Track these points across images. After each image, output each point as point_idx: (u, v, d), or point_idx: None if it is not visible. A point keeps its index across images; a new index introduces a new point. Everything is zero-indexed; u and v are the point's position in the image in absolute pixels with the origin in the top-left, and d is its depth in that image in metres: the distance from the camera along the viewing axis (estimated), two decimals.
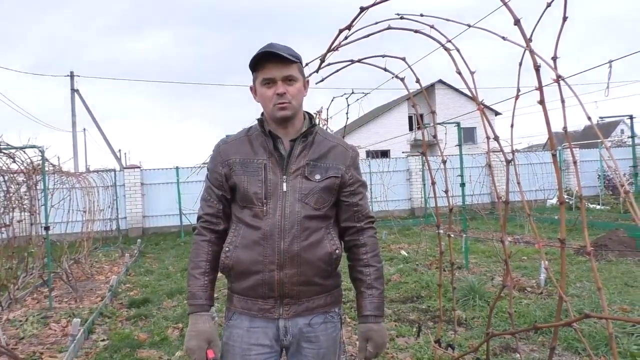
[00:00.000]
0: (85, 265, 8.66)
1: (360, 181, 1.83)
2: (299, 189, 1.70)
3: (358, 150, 1.90)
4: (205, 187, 1.84)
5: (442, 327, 4.18)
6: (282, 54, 1.64)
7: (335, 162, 1.77)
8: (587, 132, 35.66)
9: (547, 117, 1.54)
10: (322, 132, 1.84)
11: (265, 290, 1.69)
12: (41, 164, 6.37)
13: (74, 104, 20.89)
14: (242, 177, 1.72)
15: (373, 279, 1.79)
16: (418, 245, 8.99)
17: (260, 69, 1.70)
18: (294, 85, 1.71)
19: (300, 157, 1.73)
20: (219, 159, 1.79)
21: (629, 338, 3.89)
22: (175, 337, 4.84)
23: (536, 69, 1.51)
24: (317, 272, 1.71)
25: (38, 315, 5.67)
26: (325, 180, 1.73)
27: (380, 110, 32.43)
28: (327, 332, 1.77)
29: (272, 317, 1.71)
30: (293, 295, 1.70)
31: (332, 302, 1.80)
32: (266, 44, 1.70)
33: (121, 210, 14.34)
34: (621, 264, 6.91)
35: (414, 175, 16.98)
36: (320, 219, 1.73)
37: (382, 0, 1.72)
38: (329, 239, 1.74)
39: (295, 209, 1.69)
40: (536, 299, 5.32)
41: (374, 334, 1.76)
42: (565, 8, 1.41)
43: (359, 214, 1.82)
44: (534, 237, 8.88)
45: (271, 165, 1.72)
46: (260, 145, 1.75)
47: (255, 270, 1.68)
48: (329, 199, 1.75)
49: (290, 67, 1.69)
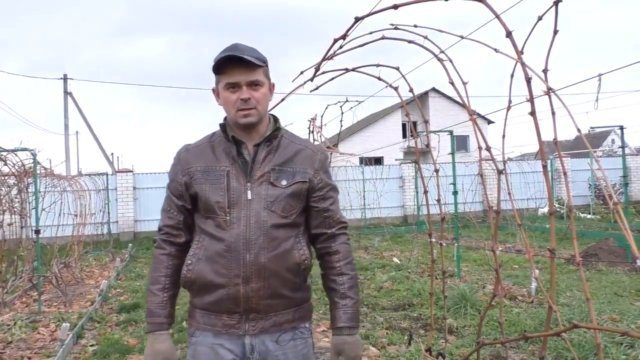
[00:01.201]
0: (75, 269, 8.60)
1: (330, 185, 1.74)
2: (265, 196, 1.62)
3: (327, 153, 1.82)
4: (165, 197, 1.76)
5: (434, 336, 4.19)
6: (247, 57, 1.56)
7: (302, 166, 1.68)
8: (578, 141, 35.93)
9: (538, 129, 1.56)
10: (288, 135, 1.75)
11: (230, 305, 1.60)
12: (33, 167, 6.33)
13: (66, 106, 20.79)
14: (203, 185, 1.63)
15: (347, 287, 1.70)
16: (410, 253, 9.00)
17: (224, 72, 1.61)
18: (259, 90, 1.63)
19: (264, 163, 1.65)
20: (179, 167, 1.71)
21: (618, 348, 3.92)
22: None
23: (527, 81, 1.53)
24: (285, 284, 1.62)
25: (27, 319, 5.61)
26: (292, 185, 1.64)
27: (374, 118, 32.52)
28: (296, 349, 1.67)
29: (237, 334, 1.62)
30: (260, 309, 1.61)
31: (301, 316, 1.70)
32: (230, 45, 1.62)
33: (113, 214, 14.26)
34: (611, 273, 6.96)
35: (407, 182, 17.04)
36: (289, 227, 1.65)
37: (377, 11, 1.73)
38: (297, 248, 1.65)
39: (261, 217, 1.60)
40: (527, 307, 5.35)
41: (347, 347, 1.66)
42: (556, 22, 1.43)
43: (330, 220, 1.73)
44: (525, 246, 8.93)
45: (234, 172, 1.63)
46: (223, 151, 1.67)
47: (218, 284, 1.59)
48: (297, 206, 1.66)
49: (256, 71, 1.61)
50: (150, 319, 1.65)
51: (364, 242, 11.22)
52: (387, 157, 26.08)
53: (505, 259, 7.88)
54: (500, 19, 1.58)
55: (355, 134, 30.54)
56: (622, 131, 7.79)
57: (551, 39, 1.46)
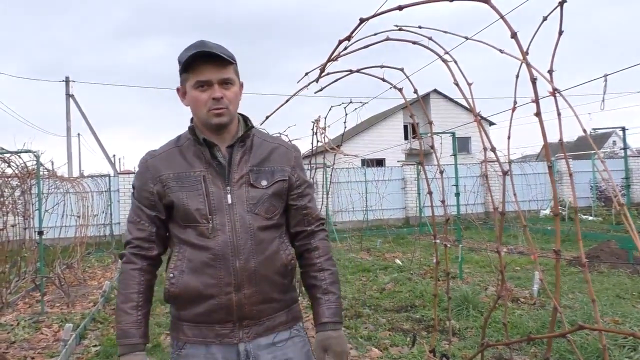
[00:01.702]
0: (77, 270, 8.61)
1: (306, 182, 1.71)
2: (246, 198, 1.56)
3: (300, 150, 1.77)
4: (132, 208, 1.64)
5: (436, 337, 4.18)
6: (220, 54, 1.49)
7: (279, 165, 1.64)
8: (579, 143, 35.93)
9: (543, 130, 1.56)
10: (259, 134, 1.70)
11: (222, 315, 1.53)
12: (36, 169, 6.35)
13: (68, 109, 20.84)
14: (179, 193, 1.54)
15: (329, 283, 1.66)
16: (412, 255, 9.00)
17: (193, 70, 1.52)
18: (231, 89, 1.56)
19: (241, 164, 1.58)
20: (148, 176, 1.60)
21: (621, 350, 3.91)
22: (168, 344, 4.81)
23: (533, 81, 1.53)
24: (275, 287, 1.59)
25: (30, 319, 5.63)
26: (272, 185, 1.60)
27: (376, 119, 32.54)
28: (296, 347, 1.63)
29: (231, 342, 1.55)
30: (253, 316, 1.55)
31: (293, 318, 1.67)
32: (197, 42, 1.54)
33: (115, 216, 14.27)
34: (613, 275, 6.95)
35: (409, 184, 17.03)
36: (273, 228, 1.60)
37: (382, 12, 1.74)
38: (283, 248, 1.62)
39: (246, 221, 1.54)
40: (529, 309, 5.34)
41: (333, 341, 1.61)
42: (561, 22, 1.43)
43: (308, 217, 1.70)
44: (529, 247, 8.92)
45: (210, 176, 1.56)
46: (194, 155, 1.58)
47: (208, 294, 1.51)
48: (279, 206, 1.62)
49: (227, 69, 1.54)
50: (124, 340, 1.52)
51: (366, 244, 11.21)
52: (389, 159, 26.08)
53: (507, 261, 7.87)
54: (505, 19, 1.59)
55: (356, 135, 30.57)
56: (624, 132, 7.78)
57: (556, 39, 1.46)
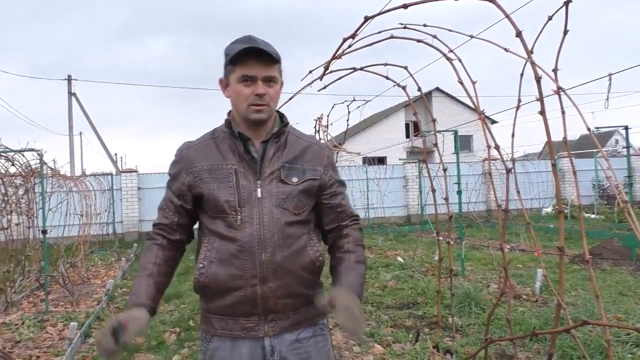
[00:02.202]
0: (81, 268, 8.64)
1: (338, 181, 1.72)
2: (276, 193, 1.57)
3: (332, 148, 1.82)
4: (164, 195, 1.70)
5: (439, 334, 4.20)
6: (268, 51, 1.51)
7: (311, 164, 1.64)
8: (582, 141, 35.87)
9: (547, 128, 1.57)
10: (294, 132, 1.71)
11: (247, 307, 1.54)
12: (39, 168, 6.37)
13: (71, 107, 20.88)
14: (210, 185, 1.57)
15: (353, 261, 1.64)
16: (414, 252, 9.01)
17: (241, 63, 1.53)
18: (274, 87, 1.58)
19: (274, 160, 1.60)
20: (182, 166, 1.64)
21: (624, 347, 3.92)
22: (173, 342, 4.84)
23: (537, 80, 1.55)
24: (301, 283, 1.58)
25: (34, 318, 5.65)
26: (303, 182, 1.60)
27: (377, 117, 32.54)
28: (318, 346, 1.64)
29: (257, 336, 1.56)
30: (278, 309, 1.56)
31: (319, 313, 1.65)
32: (245, 37, 1.56)
33: (117, 214, 14.31)
34: (615, 273, 6.96)
35: (410, 182, 17.03)
36: (301, 224, 1.60)
37: (387, 10, 1.75)
38: (311, 245, 1.61)
39: (274, 215, 1.55)
40: (531, 306, 5.35)
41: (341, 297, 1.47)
42: (566, 22, 1.45)
43: (342, 215, 1.71)
44: (532, 245, 8.93)
45: (242, 170, 1.58)
46: (228, 148, 1.61)
47: (235, 286, 1.53)
48: (308, 203, 1.63)
49: (273, 67, 1.56)
50: (132, 299, 1.54)
51: (368, 242, 11.23)
52: (390, 157, 26.08)
53: (509, 258, 7.89)
54: (510, 18, 1.60)
55: (358, 133, 30.57)
56: (627, 131, 7.78)
57: (561, 38, 1.47)
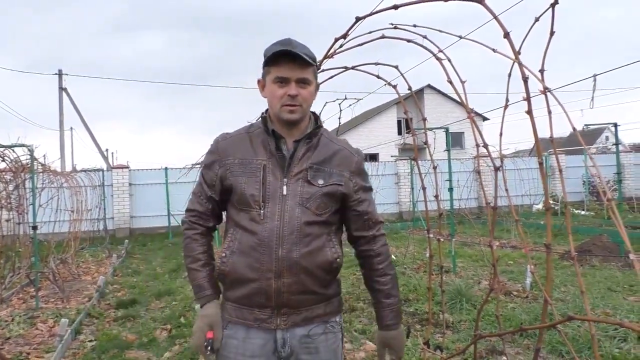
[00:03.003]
0: (72, 265, 8.59)
1: (364, 187, 1.76)
2: (300, 192, 1.62)
3: (363, 154, 1.83)
4: (198, 181, 1.78)
5: (431, 330, 4.24)
6: (301, 54, 1.56)
7: (339, 169, 1.69)
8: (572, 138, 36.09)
9: (534, 127, 1.60)
10: (327, 134, 1.75)
11: (261, 299, 1.61)
12: (30, 163, 6.33)
13: (61, 102, 20.71)
14: (239, 178, 1.64)
15: (390, 287, 1.76)
16: (406, 249, 9.06)
17: (275, 65, 1.60)
18: (307, 89, 1.63)
19: (303, 160, 1.65)
20: (216, 157, 1.71)
21: (612, 342, 3.98)
22: (164, 338, 4.84)
23: (524, 80, 1.57)
24: (316, 281, 1.63)
25: (24, 315, 5.62)
26: (328, 186, 1.65)
27: (370, 114, 32.58)
28: (327, 343, 1.69)
29: (269, 328, 1.63)
30: (291, 304, 1.62)
31: (332, 311, 1.72)
32: (284, 39, 1.62)
33: (109, 211, 14.25)
34: (604, 269, 7.04)
35: (402, 179, 17.09)
36: (322, 225, 1.65)
37: (378, 11, 1.77)
38: (330, 246, 1.66)
39: (295, 213, 1.60)
40: (521, 302, 5.41)
41: (393, 340, 1.76)
42: (553, 23, 1.47)
43: (369, 222, 1.76)
44: (521, 242, 9.00)
45: (271, 166, 1.63)
46: (261, 144, 1.67)
47: (251, 277, 1.60)
48: (330, 205, 1.67)
49: (307, 69, 1.62)
50: (200, 293, 1.68)
51: None
52: (383, 154, 26.15)
53: (500, 255, 7.95)
54: (498, 19, 1.62)
55: (350, 130, 30.59)
56: (615, 128, 7.86)
57: (548, 39, 1.49)
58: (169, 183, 14.41)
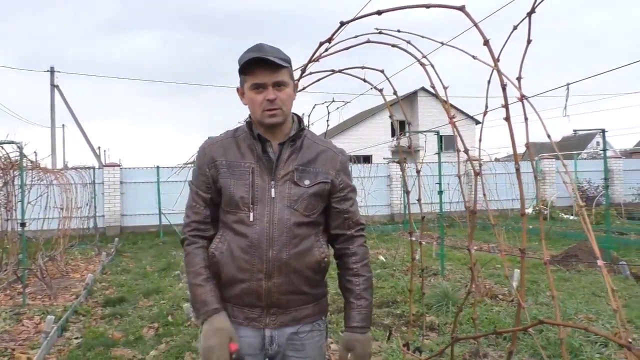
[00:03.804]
0: (60, 262, 8.57)
1: (350, 186, 1.79)
2: (288, 194, 1.65)
3: (348, 155, 1.86)
4: (190, 193, 1.76)
5: (414, 332, 4.28)
6: (273, 59, 1.59)
7: (324, 167, 1.72)
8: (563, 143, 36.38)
9: (512, 134, 1.63)
10: (310, 136, 1.79)
11: (251, 299, 1.65)
12: (19, 160, 6.31)
13: (53, 99, 20.60)
14: (228, 180, 1.66)
15: (362, 289, 1.75)
16: (396, 251, 9.10)
17: (250, 73, 1.63)
18: (284, 91, 1.65)
19: (288, 162, 1.68)
20: (205, 160, 1.72)
21: (593, 346, 4.04)
22: (151, 337, 4.84)
23: (503, 88, 1.60)
24: (305, 281, 1.67)
25: (11, 311, 5.61)
26: (314, 185, 1.68)
27: (364, 116, 32.66)
28: (313, 340, 1.73)
29: (258, 327, 1.67)
30: (281, 304, 1.66)
31: (319, 311, 1.77)
32: (255, 46, 1.65)
33: (99, 208, 14.18)
34: (590, 274, 7.11)
35: (395, 181, 17.15)
36: (310, 225, 1.69)
37: (361, 16, 1.79)
38: (318, 246, 1.70)
39: (284, 215, 1.64)
40: (507, 306, 5.45)
41: (358, 344, 1.71)
42: (529, 32, 1.50)
43: (349, 221, 1.78)
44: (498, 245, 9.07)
45: (259, 169, 1.67)
46: (247, 148, 1.70)
47: (241, 278, 1.63)
48: (318, 205, 1.70)
49: (281, 72, 1.64)
50: (205, 308, 1.62)
51: None
52: (376, 156, 26.21)
53: (487, 259, 8.01)
54: (478, 27, 1.65)
55: (344, 131, 30.65)
56: (603, 134, 7.94)
57: (525, 48, 1.53)
58: (161, 182, 14.37)
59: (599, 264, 1.20)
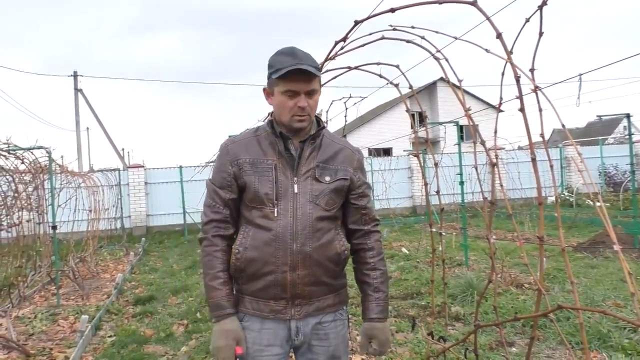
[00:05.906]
0: (91, 263, 8.81)
1: (366, 183, 1.86)
2: (310, 190, 1.72)
3: (362, 152, 1.92)
4: (208, 191, 1.79)
5: (439, 322, 4.30)
6: (310, 69, 1.63)
7: (343, 165, 1.78)
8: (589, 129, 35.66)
9: (527, 124, 1.66)
10: (328, 135, 1.85)
11: (277, 291, 1.70)
12: (48, 164, 6.50)
13: (77, 103, 21.03)
14: (252, 177, 1.71)
15: (380, 282, 1.83)
16: (419, 243, 9.09)
17: (284, 78, 1.65)
18: (314, 98, 1.71)
19: (310, 159, 1.74)
20: (227, 158, 1.76)
21: (621, 332, 4.01)
22: (181, 333, 4.97)
23: (517, 79, 1.63)
24: (326, 273, 1.74)
25: (46, 312, 5.81)
26: (335, 182, 1.75)
27: (383, 108, 32.49)
28: (336, 329, 1.80)
29: (283, 318, 1.73)
30: (304, 295, 1.72)
31: (340, 301, 1.83)
32: (289, 49, 1.68)
33: (125, 209, 14.49)
34: (618, 260, 6.99)
35: (416, 172, 17.08)
36: (330, 219, 1.75)
37: (375, 14, 1.83)
38: (338, 239, 1.77)
39: (307, 210, 1.70)
40: (533, 295, 5.42)
41: (378, 331, 1.80)
42: (541, 24, 1.52)
43: (366, 217, 1.85)
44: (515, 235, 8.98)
45: (281, 166, 1.72)
46: (269, 145, 1.75)
47: (267, 271, 1.69)
48: (338, 200, 1.77)
49: (314, 81, 1.69)
50: (218, 311, 1.70)
51: None
52: (396, 148, 26.08)
53: (512, 248, 7.95)
54: (490, 21, 1.67)
55: (364, 125, 30.56)
56: (628, 119, 7.79)
57: (537, 40, 1.55)
58: (184, 181, 14.60)
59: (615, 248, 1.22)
